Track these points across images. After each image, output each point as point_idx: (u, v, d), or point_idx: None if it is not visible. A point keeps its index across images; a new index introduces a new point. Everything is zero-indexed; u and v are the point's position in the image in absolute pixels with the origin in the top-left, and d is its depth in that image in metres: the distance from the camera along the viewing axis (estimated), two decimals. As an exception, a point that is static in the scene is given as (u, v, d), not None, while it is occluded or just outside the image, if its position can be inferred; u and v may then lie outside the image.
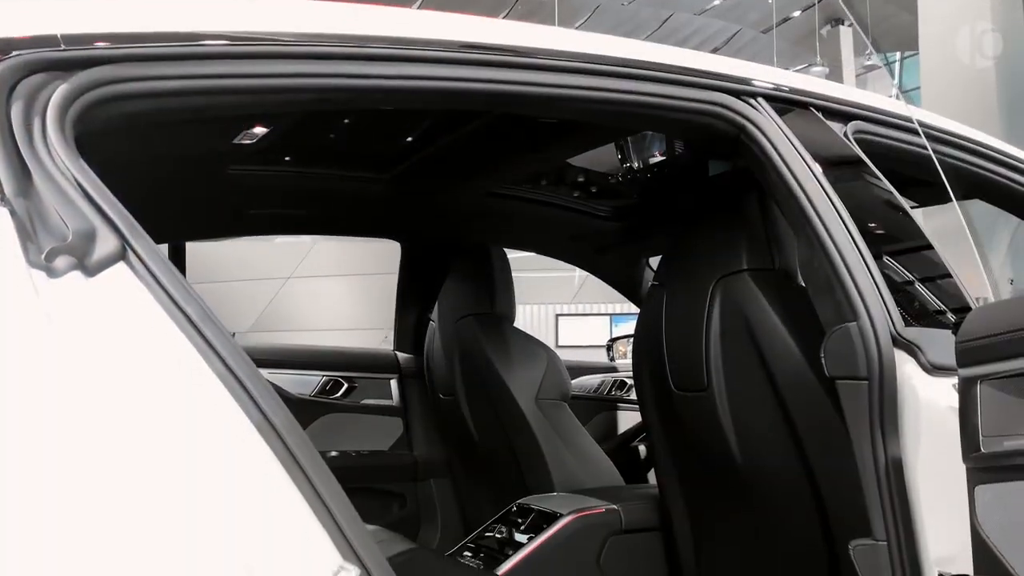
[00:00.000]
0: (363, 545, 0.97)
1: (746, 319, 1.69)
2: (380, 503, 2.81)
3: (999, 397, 1.11)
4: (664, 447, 2.02)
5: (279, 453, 0.92)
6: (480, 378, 2.48)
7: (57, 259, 0.85)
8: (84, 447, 0.82)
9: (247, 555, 0.85)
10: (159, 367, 0.88)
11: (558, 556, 2.01)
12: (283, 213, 2.62)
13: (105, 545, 0.81)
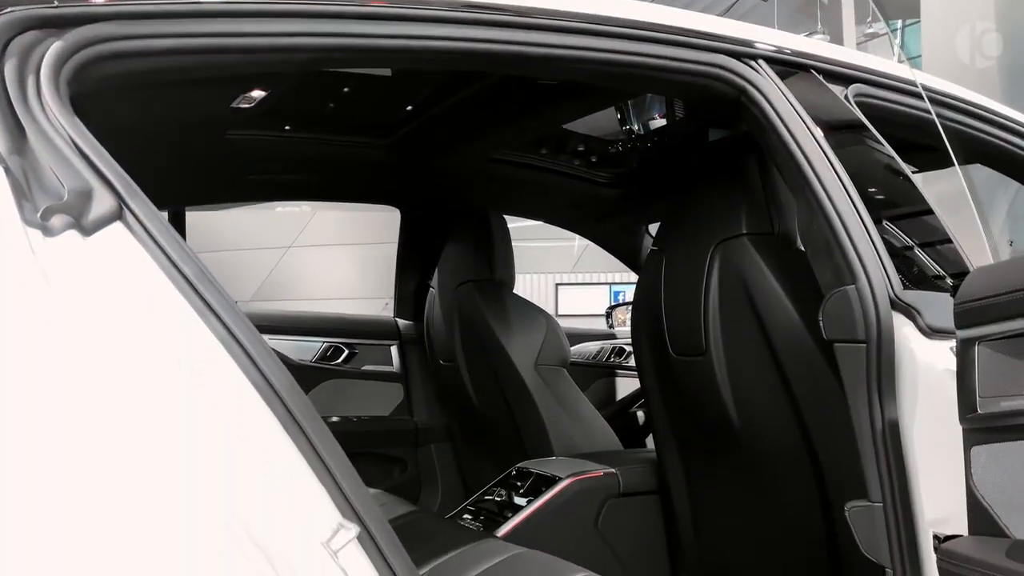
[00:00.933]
0: (363, 504, 0.97)
1: (745, 283, 1.69)
2: (381, 468, 2.83)
3: (997, 358, 1.12)
4: (662, 412, 2.03)
5: (279, 414, 0.92)
6: (480, 344, 2.48)
7: (53, 218, 0.85)
8: (81, 408, 0.82)
9: (246, 513, 0.86)
10: (157, 328, 0.88)
11: (557, 518, 2.03)
12: (282, 179, 2.60)
13: (105, 502, 0.82)
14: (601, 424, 2.51)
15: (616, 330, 3.80)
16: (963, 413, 1.17)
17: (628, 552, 2.10)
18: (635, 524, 2.13)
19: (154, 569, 0.82)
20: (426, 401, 2.93)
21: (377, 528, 0.98)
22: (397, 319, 3.03)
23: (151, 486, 0.83)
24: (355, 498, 0.97)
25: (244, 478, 0.87)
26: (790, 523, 1.76)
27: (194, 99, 1.83)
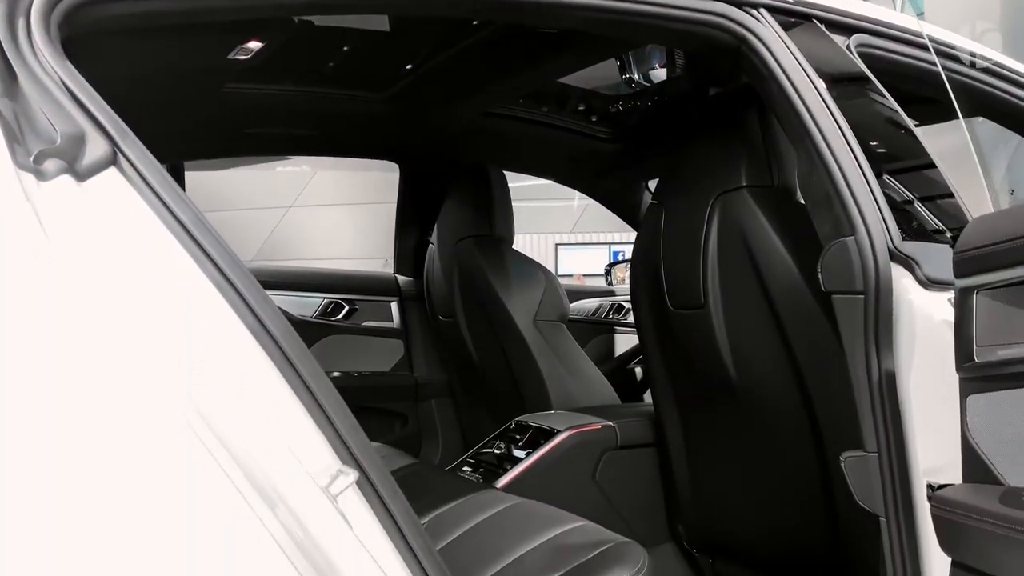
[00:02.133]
0: (361, 450, 0.98)
1: (744, 236, 1.68)
2: (382, 423, 2.86)
3: (995, 307, 1.12)
4: (660, 365, 2.04)
5: (276, 359, 0.93)
6: (479, 299, 2.49)
7: (46, 162, 0.84)
8: (75, 356, 0.82)
9: (245, 459, 0.86)
10: (153, 274, 0.88)
11: (555, 471, 2.05)
12: (280, 133, 2.59)
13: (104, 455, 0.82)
14: (599, 379, 2.52)
15: (615, 287, 3.81)
16: (960, 362, 1.17)
17: (625, 503, 2.12)
18: (632, 476, 2.15)
19: (155, 520, 0.83)
20: (426, 357, 2.95)
21: (376, 474, 0.99)
22: (397, 275, 3.03)
23: (146, 432, 0.84)
24: (354, 444, 0.97)
25: (241, 424, 0.87)
26: (786, 474, 1.78)
27: (190, 49, 1.81)
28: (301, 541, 0.88)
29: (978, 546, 1.11)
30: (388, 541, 0.98)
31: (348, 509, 0.95)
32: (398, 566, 0.98)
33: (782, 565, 1.86)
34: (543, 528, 1.52)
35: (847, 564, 1.68)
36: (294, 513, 0.88)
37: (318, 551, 0.89)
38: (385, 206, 3.15)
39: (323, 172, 11.39)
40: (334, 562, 0.90)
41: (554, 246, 10.69)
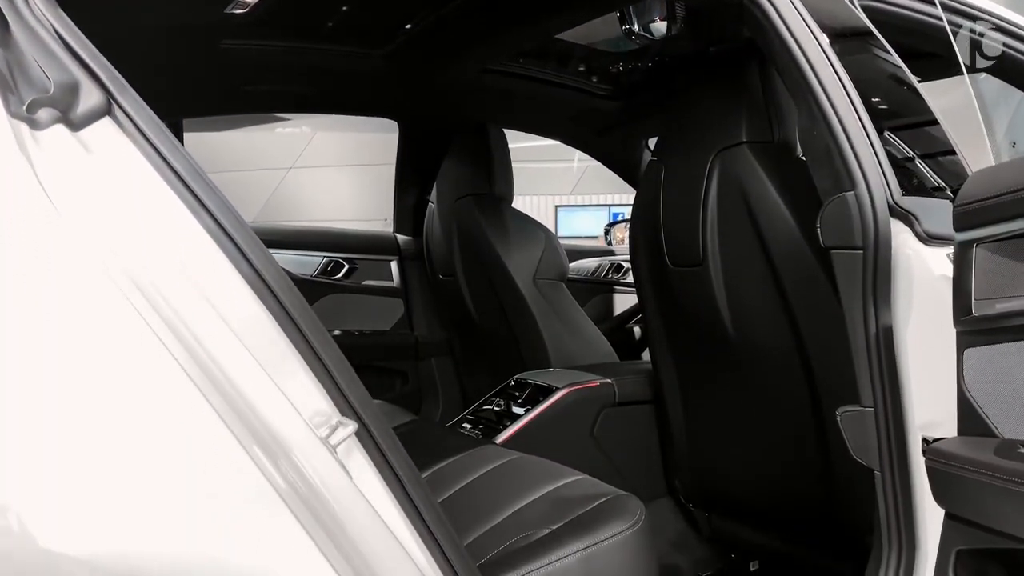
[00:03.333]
0: (360, 401, 0.99)
1: (744, 192, 1.68)
2: (383, 381, 2.87)
3: (994, 260, 1.12)
4: (658, 322, 2.05)
5: (272, 309, 0.93)
6: (478, 258, 2.49)
7: (39, 111, 0.84)
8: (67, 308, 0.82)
9: (243, 408, 0.87)
10: (148, 223, 0.87)
11: (553, 426, 2.07)
12: (278, 90, 2.56)
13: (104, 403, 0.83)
14: (598, 337, 2.53)
15: (615, 247, 3.81)
16: (958, 316, 1.18)
17: (623, 459, 2.14)
18: (630, 432, 2.17)
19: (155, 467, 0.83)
20: (426, 315, 2.96)
21: (375, 426, 1.00)
22: (396, 234, 3.03)
23: (144, 384, 0.84)
24: (353, 396, 0.98)
25: (239, 375, 0.88)
26: (782, 429, 1.79)
27: (186, 1, 1.79)
28: (301, 491, 0.89)
29: (972, 497, 1.12)
30: (387, 491, 0.99)
31: (347, 459, 0.96)
32: (397, 516, 1.00)
33: (777, 519, 1.88)
34: (542, 482, 1.53)
35: (841, 517, 1.70)
36: (294, 463, 0.89)
37: (318, 500, 0.90)
38: (386, 167, 3.13)
39: (323, 133, 11.31)
40: (334, 511, 0.91)
41: (554, 208, 10.66)
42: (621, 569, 1.31)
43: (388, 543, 0.96)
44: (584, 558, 1.28)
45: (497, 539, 1.38)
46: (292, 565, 0.89)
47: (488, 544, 1.37)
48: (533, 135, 3.08)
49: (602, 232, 4.25)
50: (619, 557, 1.31)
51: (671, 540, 2.13)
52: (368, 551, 0.93)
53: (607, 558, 1.30)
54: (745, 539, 2.01)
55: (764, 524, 1.93)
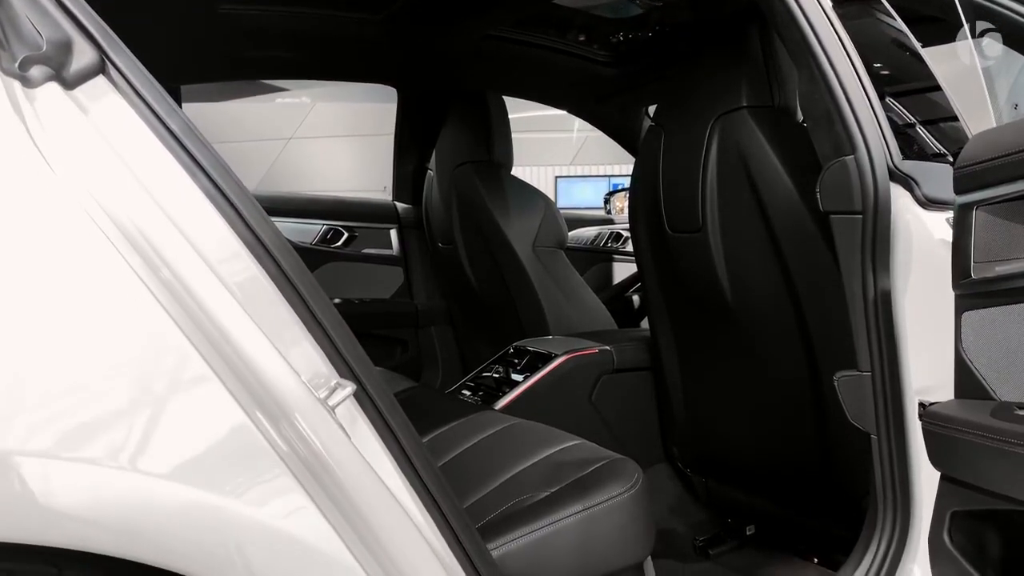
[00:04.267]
0: (358, 363, 0.99)
1: (743, 157, 1.67)
2: (383, 349, 2.88)
3: (994, 223, 1.11)
4: (657, 289, 2.04)
5: (270, 271, 0.92)
6: (478, 225, 2.48)
7: (32, 69, 0.83)
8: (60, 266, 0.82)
9: (242, 370, 0.87)
10: (144, 184, 0.87)
11: (552, 393, 2.08)
12: (277, 56, 2.54)
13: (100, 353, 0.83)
14: (597, 304, 2.53)
15: (614, 216, 3.80)
16: (956, 279, 1.18)
17: (621, 425, 2.15)
18: (628, 399, 2.18)
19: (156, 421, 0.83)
20: (426, 284, 2.96)
21: (373, 387, 1.00)
22: (396, 203, 3.02)
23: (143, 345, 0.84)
24: (351, 358, 0.98)
25: (237, 336, 0.87)
26: (779, 395, 1.80)
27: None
28: (300, 451, 0.89)
29: (968, 459, 1.13)
30: (386, 452, 1.00)
31: (346, 421, 0.96)
32: (396, 476, 1.00)
33: (774, 483, 1.90)
34: (540, 446, 1.54)
35: (837, 481, 1.71)
36: (292, 423, 0.89)
37: (317, 460, 0.90)
38: (386, 138, 3.12)
39: (323, 104, 11.25)
40: (332, 471, 0.91)
41: (554, 178, 10.64)
42: (618, 531, 1.32)
43: (387, 503, 0.97)
44: (582, 520, 1.29)
45: (496, 502, 1.39)
46: (290, 522, 0.89)
47: (487, 507, 1.38)
48: (532, 106, 3.06)
49: (602, 202, 4.24)
50: (617, 519, 1.32)
51: (668, 505, 2.14)
52: (367, 510, 0.94)
53: (605, 520, 1.30)
54: (741, 503, 2.03)
55: (760, 489, 1.94)
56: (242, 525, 0.86)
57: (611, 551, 1.32)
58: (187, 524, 0.83)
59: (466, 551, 1.07)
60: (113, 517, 0.79)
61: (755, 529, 2.00)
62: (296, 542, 0.89)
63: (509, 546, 1.25)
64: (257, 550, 0.87)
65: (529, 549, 1.25)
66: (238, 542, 0.86)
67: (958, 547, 1.17)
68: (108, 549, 0.80)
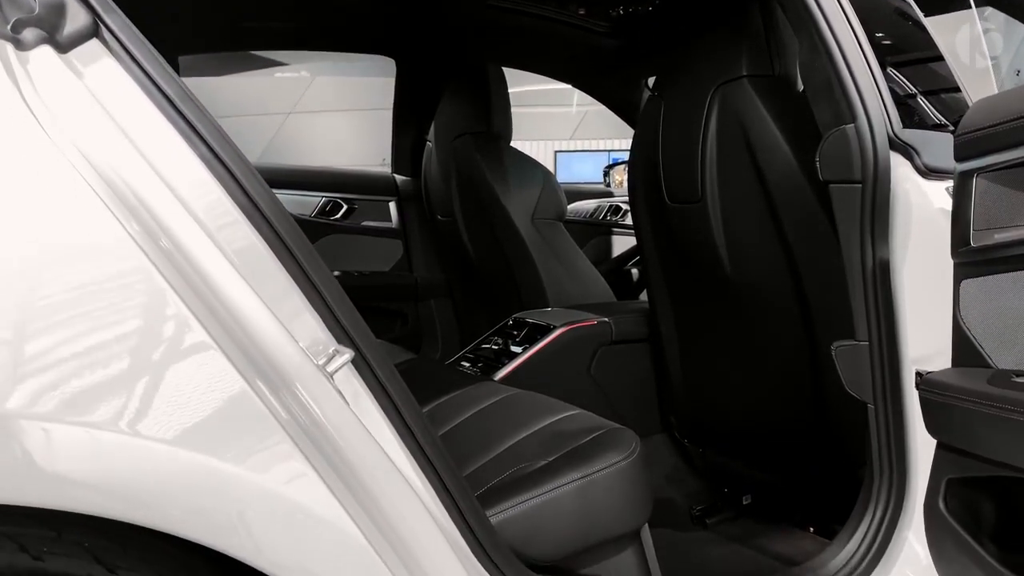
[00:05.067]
0: (356, 328, 0.99)
1: (743, 127, 1.66)
2: (383, 322, 2.88)
3: (994, 190, 1.11)
4: (655, 260, 2.04)
5: (267, 237, 0.92)
6: (477, 197, 2.47)
7: (24, 31, 0.82)
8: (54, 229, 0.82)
9: (239, 336, 0.87)
10: (140, 149, 0.86)
11: (551, 364, 2.08)
12: (276, 26, 2.53)
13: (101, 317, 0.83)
14: (596, 276, 2.53)
15: (613, 190, 3.79)
16: (955, 247, 1.17)
17: (619, 396, 2.16)
18: (626, 370, 2.18)
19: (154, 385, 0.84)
20: (425, 257, 2.96)
21: (371, 353, 1.00)
22: (395, 175, 3.01)
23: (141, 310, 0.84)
24: (349, 324, 0.98)
25: (235, 303, 0.87)
26: (776, 364, 1.80)
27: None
28: (298, 416, 0.89)
29: (964, 426, 1.13)
30: (384, 418, 1.00)
31: (344, 387, 0.96)
32: (394, 442, 1.01)
33: (770, 453, 1.91)
34: (539, 416, 1.54)
35: (834, 451, 1.71)
36: (291, 389, 0.89)
37: (316, 428, 0.91)
38: (386, 112, 3.10)
39: (322, 78, 11.20)
40: (332, 438, 0.91)
41: (553, 153, 10.61)
42: (616, 498, 1.33)
43: (385, 468, 0.97)
44: (580, 487, 1.30)
45: (495, 470, 1.40)
46: (291, 488, 0.90)
47: (486, 475, 1.39)
48: (532, 80, 3.04)
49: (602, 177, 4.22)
50: (614, 486, 1.32)
51: (665, 475, 2.15)
52: (366, 476, 0.94)
53: (603, 487, 1.31)
54: (738, 473, 2.04)
55: (757, 458, 1.95)
56: (243, 489, 0.87)
57: (609, 518, 1.33)
58: (188, 488, 0.84)
59: (464, 517, 1.08)
60: (115, 481, 0.80)
61: (752, 499, 2.01)
62: (297, 507, 0.89)
63: (507, 512, 1.25)
64: (257, 515, 0.87)
65: (527, 515, 1.26)
66: (239, 507, 0.86)
67: (953, 514, 1.18)
68: (110, 513, 0.81)
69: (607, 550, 1.37)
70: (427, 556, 1.00)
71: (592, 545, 1.34)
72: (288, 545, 0.89)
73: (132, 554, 0.86)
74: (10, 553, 0.77)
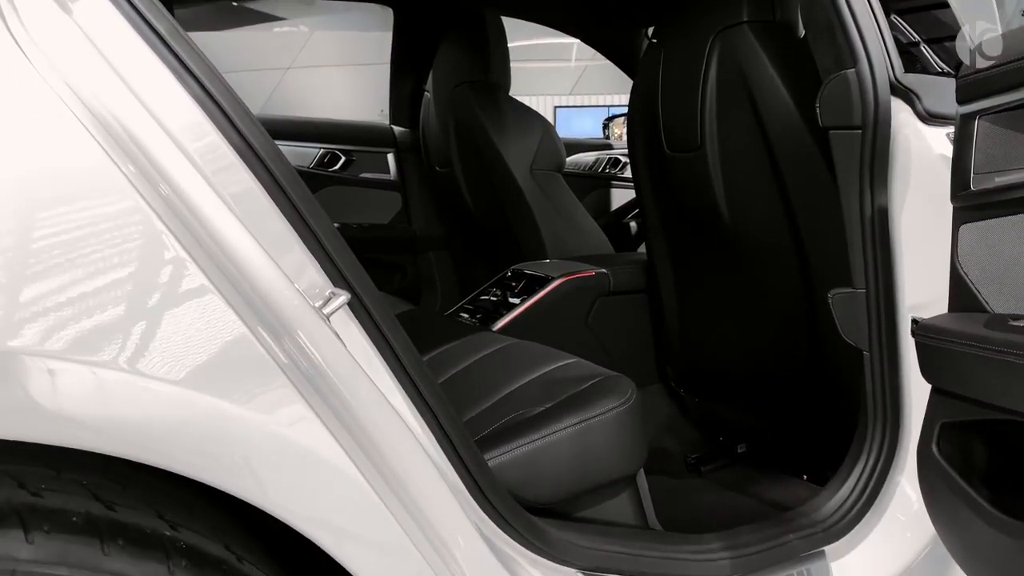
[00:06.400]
0: (352, 271, 0.99)
1: (743, 73, 1.64)
2: (382, 274, 2.88)
3: (996, 132, 1.10)
4: (654, 210, 2.04)
5: (263, 179, 0.92)
6: (475, 147, 2.45)
7: None
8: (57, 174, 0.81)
9: (236, 277, 0.87)
10: (131, 88, 0.85)
11: (549, 315, 2.09)
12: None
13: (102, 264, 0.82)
14: (594, 228, 2.53)
15: (612, 142, 3.76)
16: (956, 191, 1.16)
17: (616, 346, 2.17)
18: (624, 320, 2.19)
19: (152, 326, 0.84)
20: (424, 209, 2.95)
21: (367, 295, 1.00)
22: (393, 126, 2.98)
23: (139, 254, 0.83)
24: (344, 266, 0.98)
25: (232, 245, 0.87)
26: (773, 313, 1.81)
27: None
28: (298, 360, 0.90)
29: (960, 370, 1.13)
30: (380, 360, 1.01)
31: (341, 328, 0.97)
32: (389, 380, 1.01)
33: (765, 402, 1.92)
34: (537, 364, 1.55)
35: (829, 399, 1.72)
36: (290, 333, 0.89)
37: (315, 370, 0.91)
38: (385, 67, 3.06)
39: (321, 32, 11.07)
40: (329, 379, 0.92)
41: (553, 109, 10.52)
42: (613, 443, 1.35)
43: (383, 409, 0.98)
44: (577, 432, 1.31)
45: (493, 417, 1.41)
46: (293, 430, 0.90)
47: (484, 422, 1.40)
48: (531, 34, 3.00)
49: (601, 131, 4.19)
50: (611, 432, 1.34)
51: (661, 424, 2.17)
52: (364, 417, 0.95)
53: (600, 432, 1.32)
54: (733, 422, 2.06)
55: (752, 407, 1.97)
56: (245, 429, 0.87)
57: (605, 462, 1.35)
58: (192, 429, 0.84)
59: (463, 460, 1.09)
60: (117, 418, 0.80)
61: (746, 447, 2.03)
62: (299, 449, 0.90)
63: (505, 456, 1.27)
64: (262, 456, 0.87)
65: (525, 459, 1.28)
66: (244, 448, 0.86)
67: (946, 457, 1.18)
68: (113, 450, 0.81)
69: (603, 493, 1.39)
70: (426, 498, 1.01)
71: (589, 488, 1.36)
72: (292, 486, 0.90)
73: (131, 492, 0.86)
74: (8, 489, 0.78)
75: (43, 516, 0.77)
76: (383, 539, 0.97)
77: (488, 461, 1.21)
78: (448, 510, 1.05)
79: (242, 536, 0.95)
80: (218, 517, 0.94)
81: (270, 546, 0.99)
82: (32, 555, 0.75)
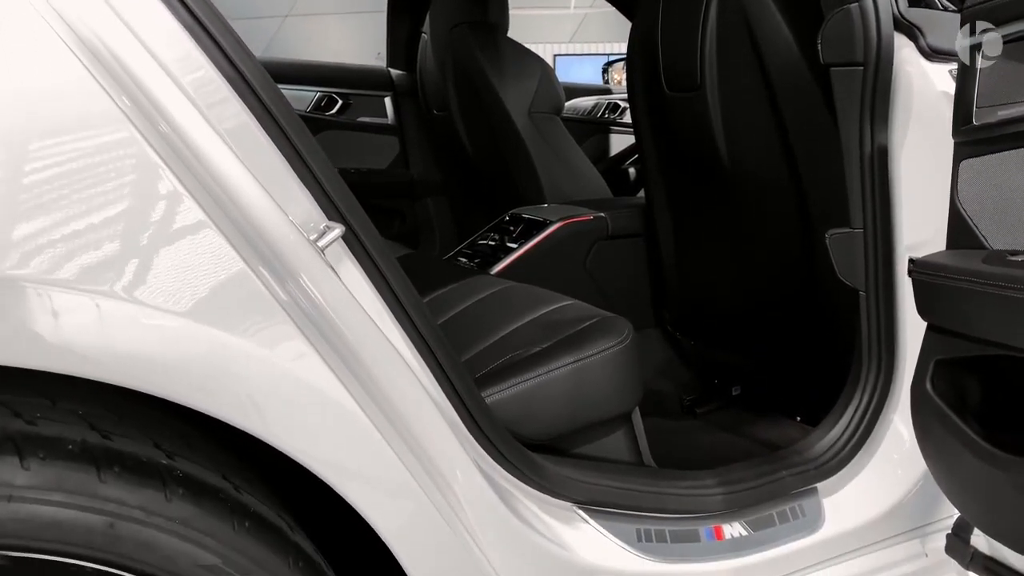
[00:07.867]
0: (346, 204, 0.98)
1: (744, 11, 1.61)
2: (380, 220, 2.86)
3: (1000, 65, 1.08)
4: (653, 153, 2.02)
5: (254, 109, 0.91)
6: (473, 89, 2.43)
7: None
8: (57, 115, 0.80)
9: (230, 208, 0.86)
10: (119, 16, 0.83)
11: (547, 259, 2.08)
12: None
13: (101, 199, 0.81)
14: (592, 172, 2.51)
15: (612, 87, 3.72)
16: (958, 126, 1.15)
17: (613, 290, 2.17)
18: (621, 264, 2.19)
19: (149, 261, 0.83)
20: (422, 154, 2.92)
21: (362, 229, 1.00)
22: (390, 69, 2.95)
23: (136, 189, 0.83)
24: (339, 199, 0.98)
25: (226, 177, 0.86)
26: (770, 254, 1.80)
27: None
28: (293, 293, 0.90)
29: (957, 306, 1.13)
30: (375, 293, 1.01)
31: (336, 262, 0.96)
32: (387, 317, 1.01)
33: (760, 344, 1.92)
34: (534, 306, 1.55)
35: (824, 340, 1.73)
36: (286, 266, 0.89)
37: (312, 305, 0.91)
38: (383, 15, 3.01)
39: (321, -23, 10.91)
40: (327, 315, 0.92)
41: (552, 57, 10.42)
42: (608, 381, 1.36)
43: (380, 345, 0.98)
44: (574, 370, 1.32)
45: (490, 357, 1.41)
46: (294, 365, 0.90)
47: (482, 361, 1.40)
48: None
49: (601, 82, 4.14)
50: (607, 370, 1.35)
51: (657, 367, 2.18)
52: (361, 352, 0.95)
53: (596, 371, 1.33)
54: (728, 364, 2.07)
55: (747, 350, 1.97)
56: (247, 363, 0.87)
57: (601, 400, 1.36)
58: (195, 360, 0.84)
59: (460, 396, 1.09)
60: (118, 345, 0.80)
61: (741, 390, 2.05)
62: (301, 384, 0.90)
63: (503, 394, 1.28)
64: (264, 389, 0.88)
65: (522, 397, 1.29)
66: (245, 383, 0.87)
67: (939, 393, 1.19)
68: (120, 380, 0.81)
69: (599, 431, 1.40)
70: (426, 434, 1.02)
71: (585, 425, 1.37)
72: (294, 420, 0.90)
73: (128, 422, 0.87)
74: (3, 417, 0.78)
75: (38, 443, 0.78)
76: (385, 474, 0.97)
77: (486, 399, 1.22)
78: (447, 446, 1.06)
79: (240, 468, 0.96)
80: (215, 449, 0.94)
81: (267, 479, 1.00)
82: (28, 481, 0.75)
